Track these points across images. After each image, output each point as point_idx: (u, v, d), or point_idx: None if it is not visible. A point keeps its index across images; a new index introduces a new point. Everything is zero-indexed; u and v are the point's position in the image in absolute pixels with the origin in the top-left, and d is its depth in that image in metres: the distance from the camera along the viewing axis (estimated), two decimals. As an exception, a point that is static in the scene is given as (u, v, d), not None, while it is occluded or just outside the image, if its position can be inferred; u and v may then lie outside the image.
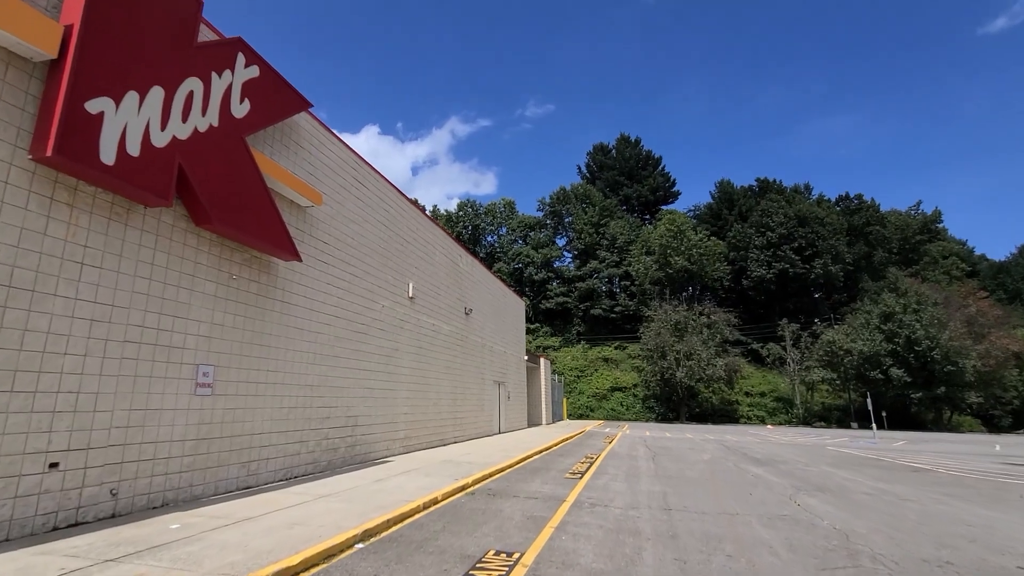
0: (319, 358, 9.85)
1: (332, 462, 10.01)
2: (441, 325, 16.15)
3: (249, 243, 7.87)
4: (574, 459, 13.56)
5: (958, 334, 42.83)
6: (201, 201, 6.86)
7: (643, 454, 15.45)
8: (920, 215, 69.96)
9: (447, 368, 16.44)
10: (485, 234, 74.82)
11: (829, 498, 8.63)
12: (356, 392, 11.03)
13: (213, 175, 7.08)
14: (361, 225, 11.81)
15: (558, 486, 9.12)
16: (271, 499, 6.91)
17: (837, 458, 15.89)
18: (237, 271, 7.94)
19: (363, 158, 12.21)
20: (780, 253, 57.54)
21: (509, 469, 11.14)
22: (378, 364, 12.06)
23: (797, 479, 10.84)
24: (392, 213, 13.49)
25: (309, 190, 9.43)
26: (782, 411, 49.22)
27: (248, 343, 8.07)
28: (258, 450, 8.10)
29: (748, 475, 11.29)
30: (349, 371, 10.83)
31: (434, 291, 15.84)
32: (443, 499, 7.45)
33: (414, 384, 13.89)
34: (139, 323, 6.31)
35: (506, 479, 9.78)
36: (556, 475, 10.50)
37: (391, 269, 13.12)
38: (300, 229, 9.55)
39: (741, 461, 14.21)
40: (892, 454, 18.36)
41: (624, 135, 77.16)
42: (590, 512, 7.02)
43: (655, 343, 47.75)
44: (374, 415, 11.73)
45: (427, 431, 14.53)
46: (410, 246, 14.35)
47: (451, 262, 17.57)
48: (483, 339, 20.56)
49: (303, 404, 9.27)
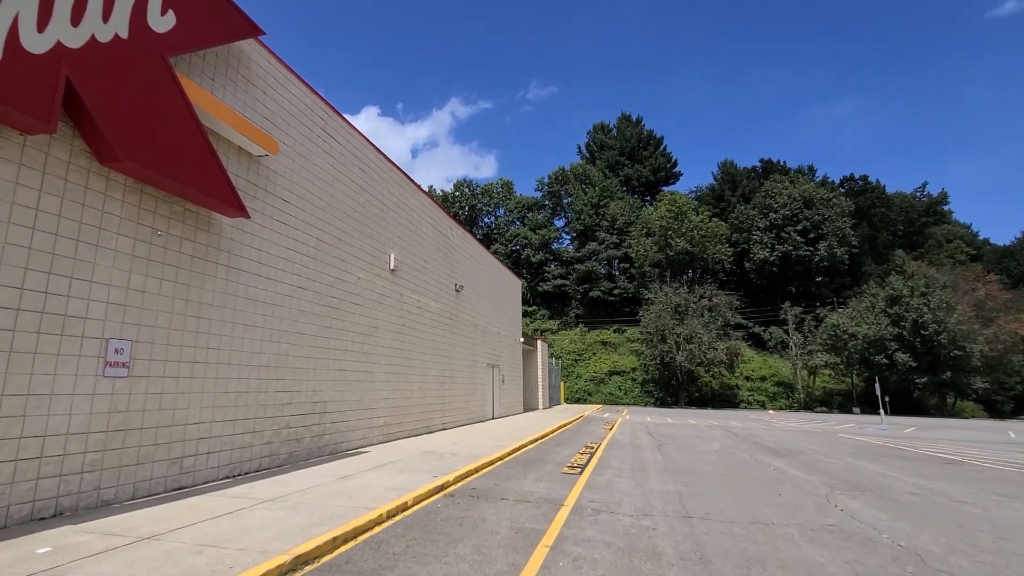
0: (278, 335, 8.46)
1: (295, 454, 8.70)
2: (428, 302, 14.76)
3: (177, 192, 6.40)
4: (572, 449, 12.32)
5: (966, 318, 41.72)
6: (103, 131, 5.37)
7: (647, 443, 14.23)
8: (926, 197, 68.43)
9: (434, 349, 15.10)
10: (482, 215, 73.05)
11: (873, 500, 7.37)
12: (325, 374, 9.68)
13: (120, 100, 5.57)
14: (332, 185, 10.32)
15: (555, 484, 7.83)
16: (199, 505, 5.58)
17: (856, 447, 14.71)
18: (164, 226, 6.49)
19: (335, 108, 10.67)
20: (784, 235, 56.05)
21: (499, 462, 9.86)
22: (353, 343, 10.69)
23: (825, 474, 9.60)
24: (371, 175, 11.98)
25: (262, 135, 7.92)
26: (783, 396, 48.29)
27: (181, 315, 6.66)
28: (195, 443, 6.75)
29: (768, 469, 10.05)
30: (317, 350, 9.45)
31: (420, 264, 14.40)
32: (414, 504, 6.13)
33: (396, 366, 12.55)
34: (15, 284, 4.89)
35: (494, 475, 8.48)
36: (552, 469, 9.22)
37: (369, 237, 11.66)
38: (252, 182, 8.07)
39: (755, 451, 12.99)
40: (909, 442, 17.23)
41: (625, 114, 74.80)
42: (594, 522, 5.72)
43: (655, 326, 46.51)
44: (348, 400, 10.40)
45: (411, 418, 13.24)
46: (392, 213, 12.87)
47: (440, 234, 16.10)
48: (475, 319, 19.19)
49: (257, 388, 7.91)
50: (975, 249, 65.97)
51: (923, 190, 69.66)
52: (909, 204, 66.85)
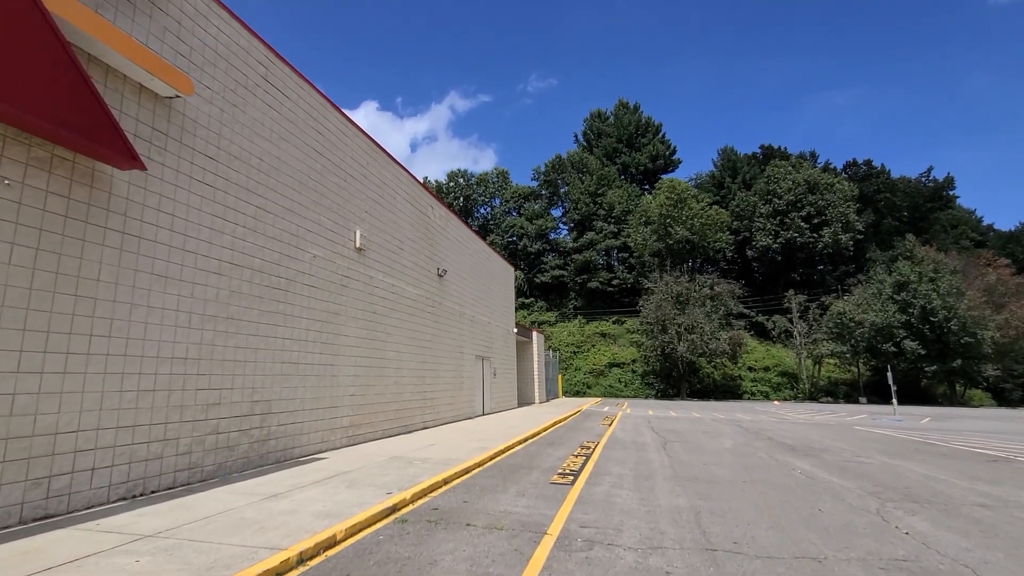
0: (202, 320, 6.92)
1: (226, 465, 7.19)
2: (405, 287, 13.21)
3: (29, 127, 4.84)
4: (566, 450, 10.83)
5: (977, 303, 40.29)
6: None
7: (651, 441, 12.76)
8: (932, 182, 66.82)
9: (414, 339, 13.57)
10: (477, 206, 71.40)
11: (938, 517, 5.88)
12: (270, 368, 8.15)
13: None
14: (278, 145, 8.74)
15: (539, 500, 6.33)
16: (40, 548, 4.05)
17: (883, 443, 13.24)
18: (17, 175, 4.93)
19: (281, 56, 9.06)
20: (787, 221, 54.43)
21: (478, 469, 8.36)
22: (308, 332, 9.16)
23: (864, 479, 8.12)
24: (332, 139, 10.40)
25: (169, 70, 6.33)
26: (787, 386, 46.91)
27: (48, 292, 5.12)
28: (70, 457, 5.23)
29: (795, 473, 8.56)
30: (258, 339, 7.92)
31: (395, 244, 12.84)
32: (346, 538, 4.61)
33: (366, 358, 11.03)
34: None
35: (467, 488, 6.98)
36: (540, 479, 7.73)
37: (328, 210, 10.10)
38: (160, 130, 6.49)
39: (773, 449, 11.52)
40: (935, 435, 15.81)
41: (623, 100, 72.83)
42: (585, 562, 4.22)
43: (655, 316, 45.00)
44: (302, 398, 8.88)
45: (384, 417, 11.74)
46: (357, 184, 11.29)
47: (419, 212, 14.52)
48: (462, 307, 17.66)
49: (169, 385, 6.37)
50: (979, 235, 64.56)
51: (928, 175, 68.06)
52: (915, 189, 65.23)
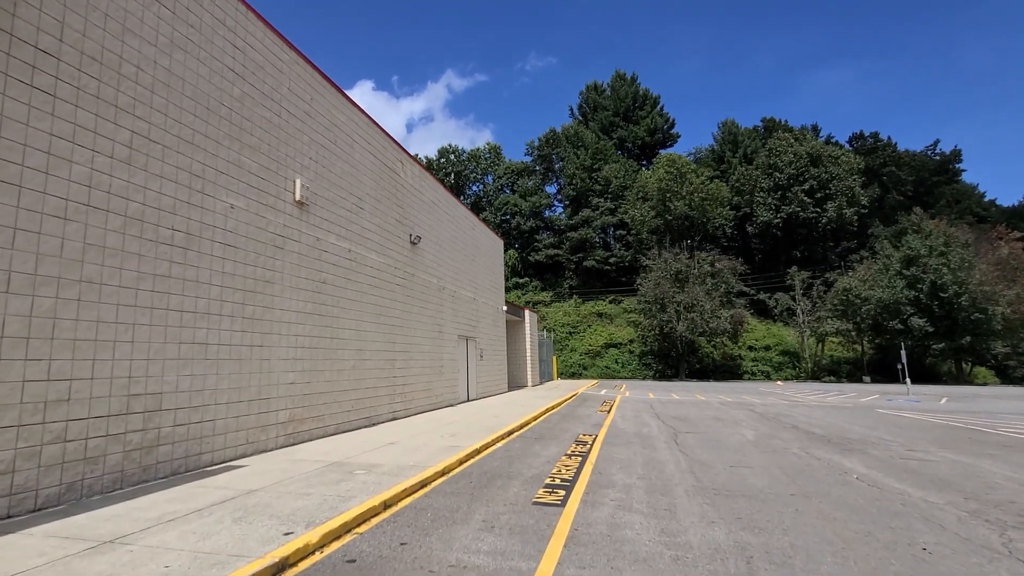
0: (29, 283, 4.84)
1: (83, 484, 5.17)
2: (366, 253, 11.11)
3: None
4: (558, 448, 8.90)
5: (988, 278, 38.63)
6: None
7: (658, 432, 10.88)
8: (939, 155, 64.69)
9: (379, 316, 11.53)
10: (470, 183, 68.68)
11: (1103, 559, 3.97)
12: (159, 350, 6.09)
13: None
14: (168, 53, 6.54)
15: (514, 539, 4.37)
16: None
17: (924, 430, 11.41)
18: None
19: (174, -64, 6.78)
20: (789, 195, 52.30)
21: (439, 480, 6.40)
22: (223, 303, 7.09)
23: (948, 489, 6.22)
24: (257, 61, 8.17)
25: None
26: (788, 366, 45.41)
27: None
28: None
29: (852, 480, 6.65)
30: (136, 311, 5.85)
31: (351, 202, 10.70)
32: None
33: (310, 337, 8.98)
34: None
35: (414, 515, 5.00)
36: (520, 495, 5.77)
37: (252, 149, 7.93)
38: (-62, -6, 4.30)
39: (804, 442, 9.66)
40: (965, 417, 14.20)
41: (619, 72, 69.70)
42: None
43: (654, 294, 43.11)
44: (215, 389, 6.86)
45: (339, 408, 9.75)
46: (297, 122, 9.09)
47: (385, 167, 12.33)
48: (441, 280, 15.59)
49: (-33, 376, 4.32)
50: (982, 210, 62.84)
51: (935, 148, 65.88)
52: (920, 163, 63.12)
